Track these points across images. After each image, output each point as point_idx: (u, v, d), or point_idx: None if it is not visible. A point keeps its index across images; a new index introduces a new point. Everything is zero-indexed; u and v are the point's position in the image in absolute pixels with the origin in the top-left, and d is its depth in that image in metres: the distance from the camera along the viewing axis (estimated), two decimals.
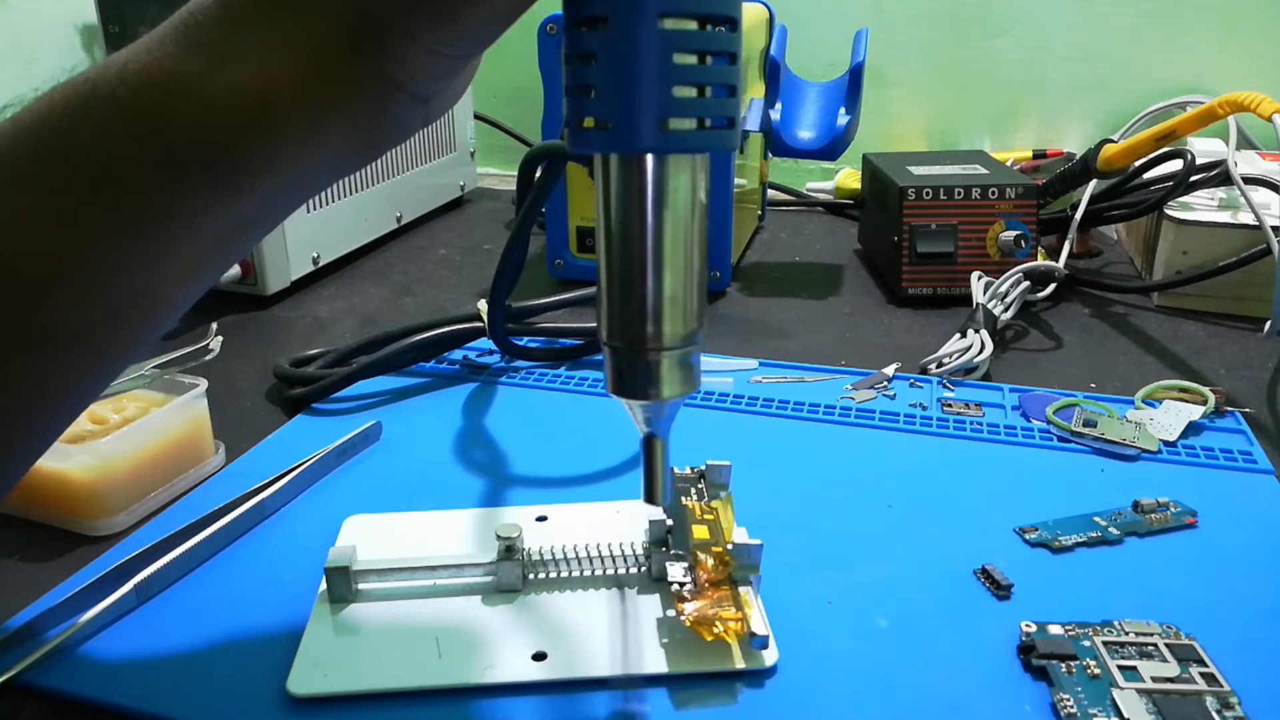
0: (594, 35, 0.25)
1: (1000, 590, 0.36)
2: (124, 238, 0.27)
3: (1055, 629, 0.34)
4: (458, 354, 0.58)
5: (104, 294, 0.27)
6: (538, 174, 0.45)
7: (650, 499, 0.30)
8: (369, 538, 0.39)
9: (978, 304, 0.59)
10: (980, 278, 0.63)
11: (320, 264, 0.73)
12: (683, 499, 0.38)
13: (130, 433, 0.42)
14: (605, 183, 0.27)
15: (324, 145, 0.27)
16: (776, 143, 0.70)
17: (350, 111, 0.26)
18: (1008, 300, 0.61)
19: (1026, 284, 0.63)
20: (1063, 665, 0.32)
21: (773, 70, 0.69)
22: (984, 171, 0.70)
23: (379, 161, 0.66)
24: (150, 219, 0.27)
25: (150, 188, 0.26)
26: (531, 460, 0.46)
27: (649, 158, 0.26)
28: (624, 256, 0.27)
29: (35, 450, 0.31)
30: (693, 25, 0.25)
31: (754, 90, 0.72)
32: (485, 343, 0.56)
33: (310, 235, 0.71)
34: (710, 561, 0.35)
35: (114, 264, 0.27)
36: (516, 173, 0.42)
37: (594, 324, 0.57)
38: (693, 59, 0.25)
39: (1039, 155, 0.90)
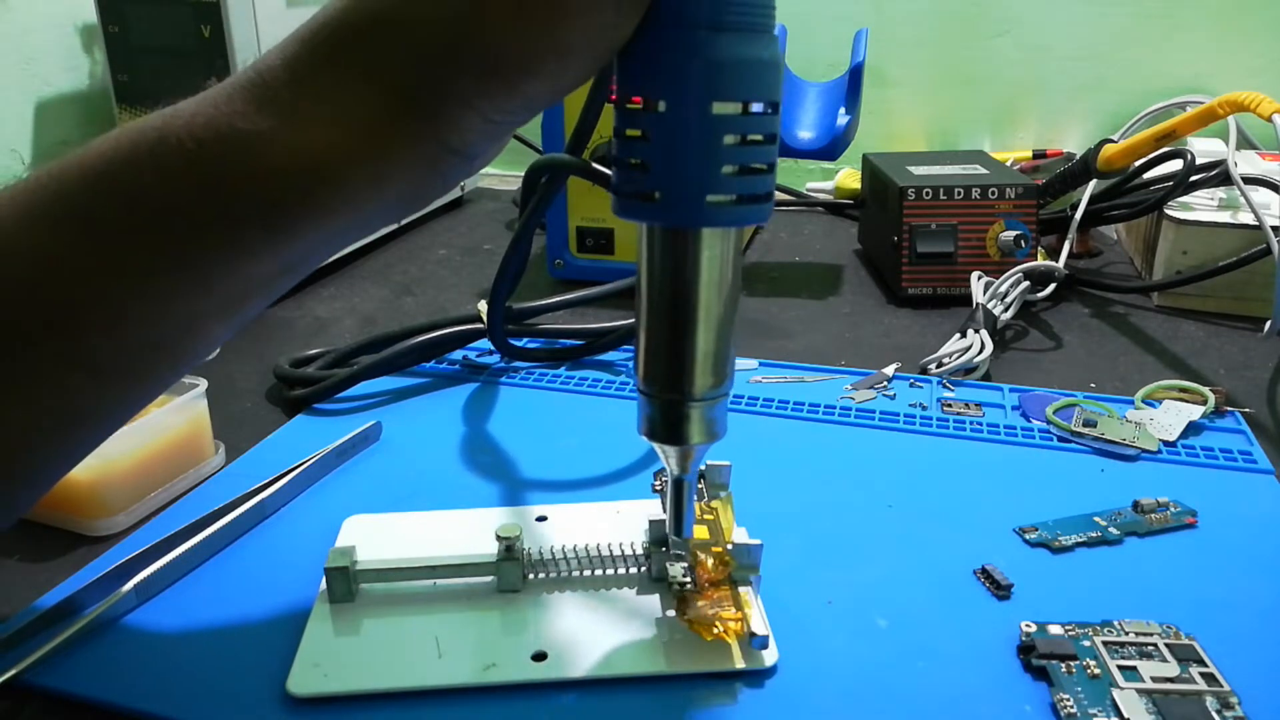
0: (648, 115, 0.27)
1: (1000, 590, 0.36)
2: (172, 277, 0.28)
3: (1055, 629, 0.34)
4: (458, 354, 0.57)
5: (145, 327, 0.28)
6: (543, 180, 0.45)
7: (678, 533, 0.33)
8: (369, 538, 0.39)
9: (978, 304, 0.59)
10: (980, 278, 0.63)
11: (320, 264, 0.73)
12: None
13: (130, 432, 0.41)
14: (649, 248, 0.29)
15: (376, 201, 0.28)
16: None
17: (405, 172, 0.28)
18: (1008, 300, 0.61)
19: (1026, 284, 0.63)
20: (1063, 665, 0.32)
21: None
22: (984, 171, 0.70)
23: None
24: (200, 261, 0.28)
25: (206, 234, 0.27)
26: (531, 460, 0.46)
27: (690, 229, 0.28)
28: (663, 315, 0.29)
29: (61, 469, 0.31)
30: (740, 110, 0.26)
31: None
32: (486, 343, 0.56)
33: None
34: (710, 561, 0.35)
35: (158, 300, 0.28)
36: (521, 178, 0.42)
37: (593, 324, 0.57)
38: (738, 141, 0.27)
39: (1039, 155, 0.90)
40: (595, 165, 0.38)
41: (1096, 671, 0.32)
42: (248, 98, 0.27)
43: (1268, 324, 0.54)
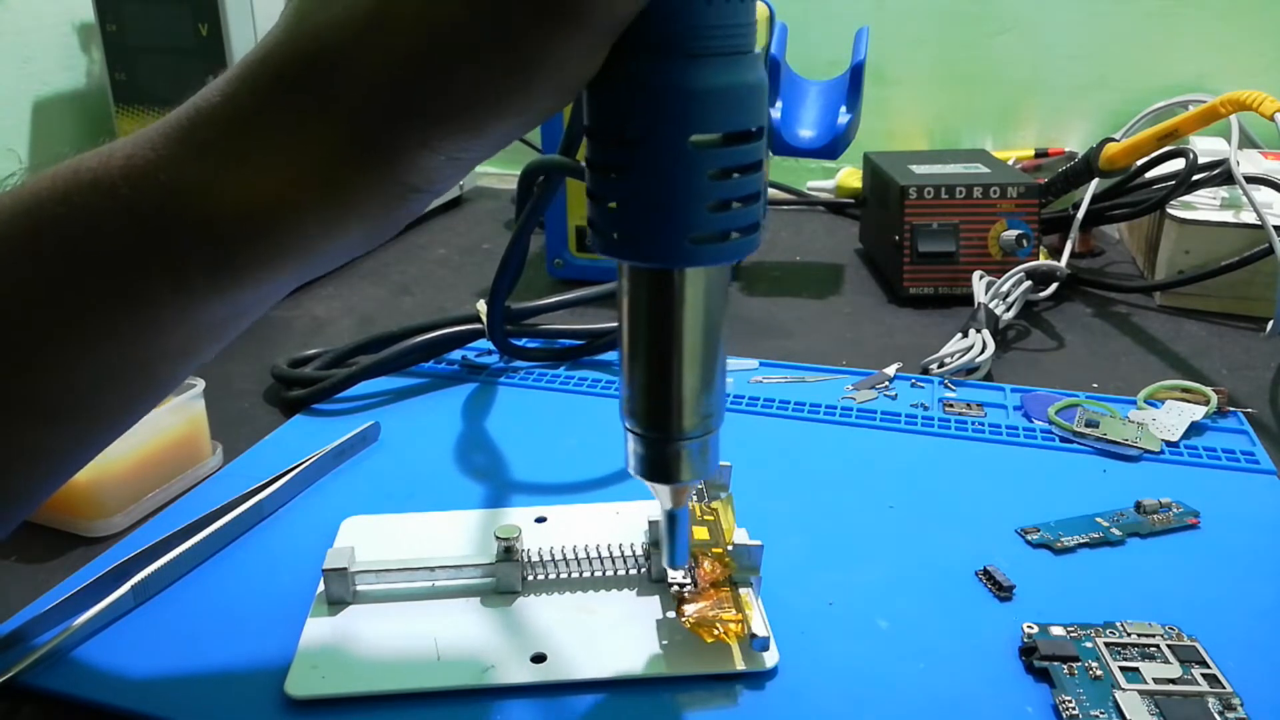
0: (625, 150, 0.25)
1: (1002, 591, 0.36)
2: (115, 320, 0.26)
3: (1057, 630, 0.34)
4: (456, 354, 0.57)
5: (89, 370, 0.27)
6: (539, 181, 0.45)
7: (672, 565, 0.32)
8: (367, 539, 0.39)
9: (979, 303, 0.59)
10: (982, 277, 0.63)
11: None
12: None
13: (127, 433, 0.41)
14: (633, 288, 0.27)
15: (331, 244, 0.27)
16: (777, 141, 0.69)
17: (361, 215, 0.26)
18: (1009, 300, 0.61)
19: (1028, 283, 0.63)
20: (1065, 667, 0.32)
21: (773, 69, 0.69)
22: (985, 170, 0.70)
23: None
24: (143, 306, 0.26)
25: (146, 280, 0.26)
26: (531, 461, 0.46)
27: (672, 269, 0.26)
28: (648, 357, 0.28)
29: (17, 513, 0.30)
30: (721, 140, 0.25)
31: None
32: (485, 343, 0.56)
33: None
34: (711, 563, 0.35)
35: (102, 343, 0.27)
36: (517, 180, 0.42)
37: (592, 324, 0.57)
38: (721, 175, 0.25)
39: (1041, 154, 0.90)
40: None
41: (1098, 673, 0.32)
42: (185, 139, 0.25)
43: (1270, 324, 0.54)
